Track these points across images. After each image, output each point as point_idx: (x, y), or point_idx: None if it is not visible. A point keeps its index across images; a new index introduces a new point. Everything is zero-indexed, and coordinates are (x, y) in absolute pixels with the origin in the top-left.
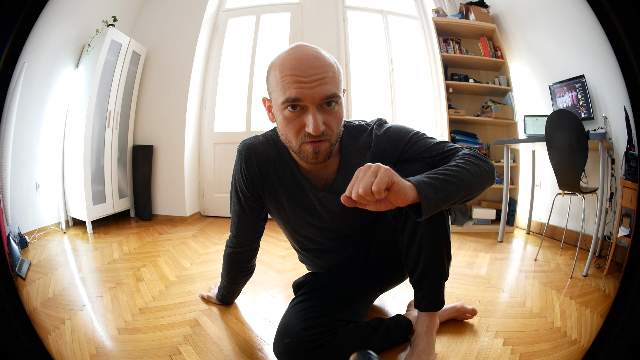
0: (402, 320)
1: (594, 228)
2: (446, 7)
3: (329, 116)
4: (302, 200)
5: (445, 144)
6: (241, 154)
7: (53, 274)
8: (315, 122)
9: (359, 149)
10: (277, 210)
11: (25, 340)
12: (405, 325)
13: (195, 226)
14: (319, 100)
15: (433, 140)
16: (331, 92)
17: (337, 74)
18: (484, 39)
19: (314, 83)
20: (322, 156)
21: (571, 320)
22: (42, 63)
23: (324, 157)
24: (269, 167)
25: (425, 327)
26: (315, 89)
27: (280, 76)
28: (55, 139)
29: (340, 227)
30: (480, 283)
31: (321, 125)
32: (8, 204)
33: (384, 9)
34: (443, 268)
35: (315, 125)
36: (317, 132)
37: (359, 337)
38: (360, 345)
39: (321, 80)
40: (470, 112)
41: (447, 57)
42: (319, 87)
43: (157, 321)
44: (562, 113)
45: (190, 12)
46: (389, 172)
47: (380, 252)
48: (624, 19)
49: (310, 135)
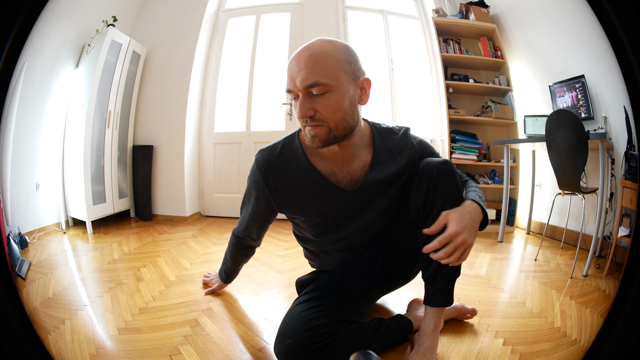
0: (403, 320)
1: (594, 228)
2: (446, 7)
3: (319, 103)
4: (329, 204)
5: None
6: (259, 166)
7: (53, 274)
8: (299, 108)
9: (391, 151)
10: (304, 218)
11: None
12: (405, 325)
13: (195, 226)
14: (302, 89)
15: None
16: (310, 80)
17: (330, 63)
18: (484, 39)
19: (298, 74)
20: (318, 139)
21: (571, 320)
22: (42, 63)
23: (321, 141)
24: (289, 178)
25: (433, 325)
26: (297, 78)
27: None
28: (55, 139)
29: (369, 223)
30: (480, 283)
31: (307, 110)
32: (8, 204)
33: (384, 9)
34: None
35: (298, 110)
36: (301, 117)
37: (359, 337)
38: (361, 346)
39: (304, 70)
40: (470, 112)
41: (447, 57)
42: (300, 77)
43: (157, 321)
44: (562, 113)
45: (190, 12)
46: (470, 247)
47: (393, 246)
48: (624, 19)
49: (306, 120)
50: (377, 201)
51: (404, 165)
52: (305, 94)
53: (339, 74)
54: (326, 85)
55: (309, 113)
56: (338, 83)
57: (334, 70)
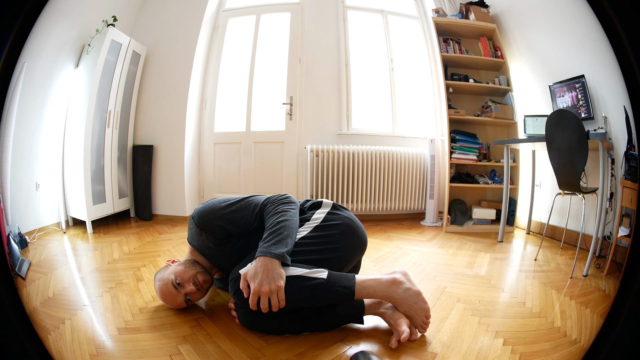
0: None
1: (594, 228)
2: (446, 7)
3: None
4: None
5: None
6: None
7: (53, 274)
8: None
9: None
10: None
11: (25, 340)
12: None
13: None
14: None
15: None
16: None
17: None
18: (484, 39)
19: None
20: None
21: (571, 320)
22: (42, 63)
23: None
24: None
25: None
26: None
27: None
28: (55, 139)
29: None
30: (480, 283)
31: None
32: (8, 204)
33: (384, 9)
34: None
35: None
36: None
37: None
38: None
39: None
40: (470, 112)
41: (447, 57)
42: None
43: (157, 321)
44: (562, 113)
45: (190, 12)
46: (278, 289)
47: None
48: (624, 19)
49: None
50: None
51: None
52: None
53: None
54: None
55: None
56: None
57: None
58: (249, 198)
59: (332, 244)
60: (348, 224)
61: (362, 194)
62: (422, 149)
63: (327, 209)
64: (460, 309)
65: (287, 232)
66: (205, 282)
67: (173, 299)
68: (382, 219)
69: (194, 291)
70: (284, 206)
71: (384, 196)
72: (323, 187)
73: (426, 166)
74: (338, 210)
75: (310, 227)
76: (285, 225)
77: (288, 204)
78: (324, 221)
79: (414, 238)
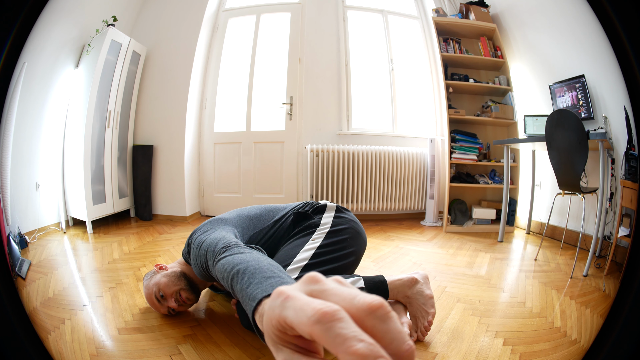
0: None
1: (594, 228)
2: (446, 6)
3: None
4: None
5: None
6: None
7: (53, 274)
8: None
9: None
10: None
11: (25, 340)
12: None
13: (195, 226)
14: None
15: None
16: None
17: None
18: (484, 39)
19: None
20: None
21: (571, 320)
22: (42, 63)
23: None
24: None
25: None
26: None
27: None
28: (55, 139)
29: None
30: (480, 283)
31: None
32: (8, 204)
33: (384, 9)
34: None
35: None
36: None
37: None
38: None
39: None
40: (470, 111)
41: (447, 56)
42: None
43: (157, 321)
44: (562, 113)
45: (190, 12)
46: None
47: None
48: (624, 19)
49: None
50: None
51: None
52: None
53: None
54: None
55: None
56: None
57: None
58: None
59: (346, 249)
60: (354, 227)
61: (362, 194)
62: (422, 149)
63: (332, 212)
64: (461, 309)
65: (249, 272)
66: (189, 299)
67: (157, 309)
68: (382, 218)
69: (176, 307)
70: (221, 256)
71: (384, 196)
72: (323, 187)
73: (426, 166)
74: (342, 213)
75: (323, 234)
76: (240, 269)
77: (223, 251)
78: (333, 226)
79: (414, 238)
